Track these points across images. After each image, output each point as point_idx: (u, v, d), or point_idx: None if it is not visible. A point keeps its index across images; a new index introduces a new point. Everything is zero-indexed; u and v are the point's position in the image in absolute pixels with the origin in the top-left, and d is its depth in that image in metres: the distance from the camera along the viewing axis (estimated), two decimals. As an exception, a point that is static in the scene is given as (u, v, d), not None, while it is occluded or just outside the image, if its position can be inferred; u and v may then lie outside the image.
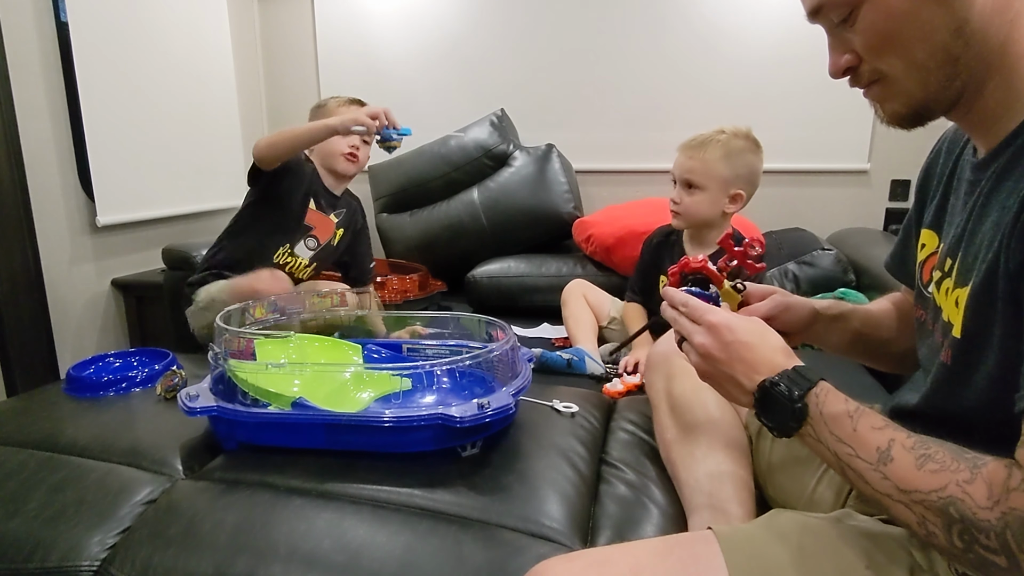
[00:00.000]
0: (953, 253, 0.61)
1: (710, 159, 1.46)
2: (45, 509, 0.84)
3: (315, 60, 2.77)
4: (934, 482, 0.50)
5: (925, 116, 0.61)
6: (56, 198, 1.95)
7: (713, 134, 1.48)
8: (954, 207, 0.65)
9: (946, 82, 0.58)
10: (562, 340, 1.80)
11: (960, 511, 0.48)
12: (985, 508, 0.47)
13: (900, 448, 0.53)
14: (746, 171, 1.47)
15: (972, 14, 0.55)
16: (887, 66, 0.60)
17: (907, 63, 0.58)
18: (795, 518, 0.64)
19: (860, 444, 0.56)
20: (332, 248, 1.76)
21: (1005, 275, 0.52)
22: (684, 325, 0.73)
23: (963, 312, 0.58)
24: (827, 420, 0.59)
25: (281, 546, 0.75)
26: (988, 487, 0.47)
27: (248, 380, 0.96)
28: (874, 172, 2.32)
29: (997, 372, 0.54)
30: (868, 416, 0.57)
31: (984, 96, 0.58)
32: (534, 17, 2.50)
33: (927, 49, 0.57)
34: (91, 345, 2.11)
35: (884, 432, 0.55)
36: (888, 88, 0.61)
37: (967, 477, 0.49)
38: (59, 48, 1.91)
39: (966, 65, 0.57)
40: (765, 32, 2.30)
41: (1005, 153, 0.57)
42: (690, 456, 0.86)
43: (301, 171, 1.64)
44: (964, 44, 0.56)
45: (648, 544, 0.66)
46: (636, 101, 2.47)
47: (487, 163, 2.36)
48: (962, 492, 0.48)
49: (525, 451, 0.96)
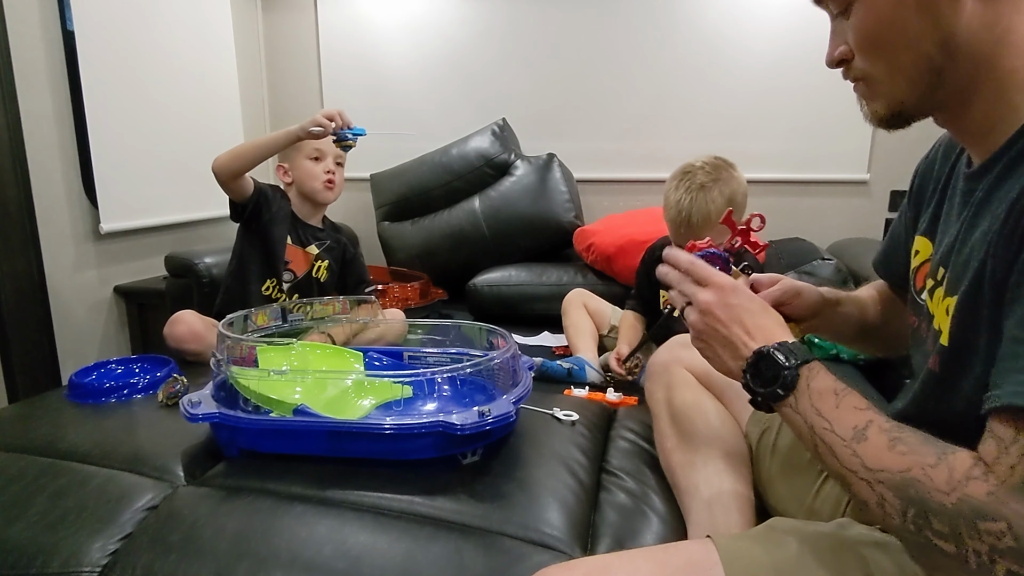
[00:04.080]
0: (945, 262, 0.62)
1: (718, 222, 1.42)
2: (46, 515, 0.84)
3: (318, 69, 2.79)
4: (901, 463, 0.51)
5: (905, 120, 0.62)
6: (60, 205, 1.96)
7: (701, 195, 1.39)
8: (948, 216, 0.66)
9: (928, 91, 0.59)
10: (562, 349, 1.81)
11: (919, 492, 0.49)
12: (942, 492, 0.48)
13: (876, 429, 0.54)
14: (744, 199, 1.45)
15: (958, 28, 0.55)
16: (872, 67, 0.61)
17: (891, 67, 0.59)
18: (793, 527, 0.64)
19: (838, 420, 0.57)
20: (313, 280, 1.73)
21: (991, 281, 0.53)
22: (687, 286, 0.73)
23: (951, 320, 0.58)
24: (812, 393, 0.60)
25: (282, 553, 0.75)
26: (949, 472, 0.48)
27: (250, 387, 0.97)
28: (874, 183, 2.33)
29: (982, 380, 0.55)
30: (852, 397, 0.58)
31: (972, 108, 0.59)
32: (536, 27, 2.52)
33: (911, 57, 0.58)
34: (93, 352, 2.11)
35: (864, 413, 0.56)
36: (872, 88, 0.62)
37: (932, 462, 0.49)
38: (65, 56, 1.93)
39: (951, 77, 0.57)
40: (766, 43, 2.31)
41: (997, 165, 0.57)
42: (690, 465, 0.87)
43: (279, 204, 1.65)
44: (948, 56, 0.56)
45: (647, 552, 0.66)
46: (637, 111, 2.49)
47: (488, 172, 2.37)
48: (924, 474, 0.49)
49: (525, 459, 0.96)
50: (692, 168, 1.44)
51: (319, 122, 1.47)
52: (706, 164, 1.43)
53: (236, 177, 1.52)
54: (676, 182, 1.44)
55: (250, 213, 1.60)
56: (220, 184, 1.53)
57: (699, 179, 1.41)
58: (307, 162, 1.67)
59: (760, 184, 2.32)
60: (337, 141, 1.51)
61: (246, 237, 1.66)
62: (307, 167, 1.67)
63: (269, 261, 1.65)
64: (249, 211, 1.60)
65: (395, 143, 2.61)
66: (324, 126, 1.47)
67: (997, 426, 0.49)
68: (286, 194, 1.70)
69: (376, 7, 2.66)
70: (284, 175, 1.71)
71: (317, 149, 1.66)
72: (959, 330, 0.57)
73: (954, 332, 0.58)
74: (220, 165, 1.50)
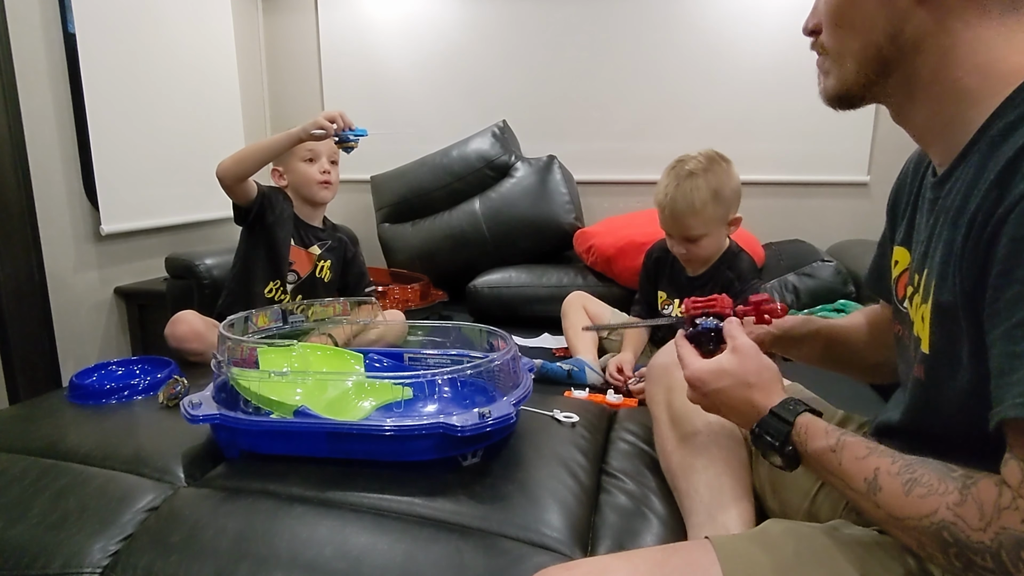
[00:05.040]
0: (920, 269, 0.63)
1: (704, 212, 1.43)
2: (47, 516, 0.84)
3: (319, 71, 2.79)
4: (924, 507, 0.50)
5: (850, 102, 0.64)
6: (61, 206, 1.97)
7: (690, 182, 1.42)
8: (919, 225, 0.67)
9: (875, 78, 0.61)
10: (562, 351, 1.81)
11: (953, 535, 0.48)
12: (978, 530, 0.47)
13: (886, 476, 0.54)
14: (733, 195, 1.47)
15: (908, 27, 0.57)
16: (831, 43, 0.63)
17: (845, 48, 0.62)
18: (791, 527, 0.64)
19: (848, 477, 0.57)
20: (317, 280, 1.74)
21: (963, 295, 0.53)
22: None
23: (928, 328, 0.59)
24: (811, 459, 0.62)
25: (283, 553, 0.75)
26: (979, 508, 0.47)
27: (250, 388, 0.97)
28: (874, 184, 2.33)
29: (969, 387, 0.55)
30: (850, 447, 0.58)
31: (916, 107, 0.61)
32: (537, 29, 2.53)
33: (862, 42, 0.60)
34: (94, 353, 2.11)
35: (868, 461, 0.56)
36: (828, 64, 0.65)
37: (957, 499, 0.48)
38: (66, 58, 1.93)
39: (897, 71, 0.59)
40: (766, 44, 2.32)
41: (955, 172, 0.58)
42: (690, 467, 0.87)
43: (282, 207, 1.66)
44: (897, 51, 0.58)
45: (646, 553, 0.66)
46: (637, 113, 2.49)
47: (489, 174, 2.37)
48: (953, 516, 0.48)
49: (526, 460, 0.96)
50: (685, 157, 1.48)
51: (320, 124, 1.47)
52: (700, 155, 1.47)
53: (240, 181, 1.53)
54: (667, 169, 1.49)
55: (254, 216, 1.60)
56: (224, 189, 1.54)
57: (688, 167, 1.44)
58: (301, 164, 1.67)
59: (760, 186, 2.33)
60: (339, 142, 1.52)
61: (250, 240, 1.66)
62: (302, 169, 1.67)
63: (274, 263, 1.65)
64: (253, 214, 1.60)
65: (395, 144, 2.62)
66: (325, 128, 1.47)
67: (1015, 445, 0.48)
68: (288, 196, 1.70)
69: (377, 9, 2.67)
70: (279, 178, 1.71)
71: (310, 150, 1.66)
72: (937, 339, 0.58)
73: (933, 341, 0.59)
74: (224, 170, 1.51)
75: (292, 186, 1.70)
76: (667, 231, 1.53)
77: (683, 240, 1.49)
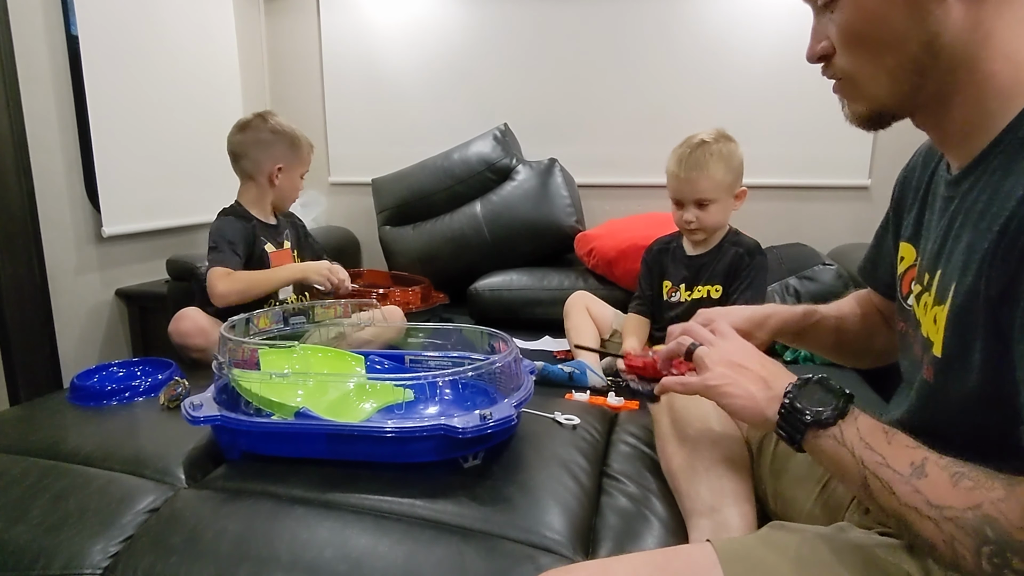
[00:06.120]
0: (931, 268, 0.62)
1: (715, 174, 1.49)
2: (48, 517, 0.84)
3: (320, 73, 2.79)
4: (970, 499, 0.49)
5: (886, 120, 0.62)
6: (63, 208, 1.97)
7: (701, 148, 1.51)
8: (930, 222, 0.66)
9: (911, 91, 0.58)
10: (564, 353, 1.81)
11: (995, 530, 0.47)
12: (1020, 528, 0.46)
13: (934, 465, 0.53)
14: (740, 167, 1.55)
15: (944, 29, 0.55)
16: (854, 65, 0.60)
17: (875, 67, 0.59)
18: (793, 530, 0.64)
19: (893, 456, 0.55)
20: None
21: (986, 301, 0.52)
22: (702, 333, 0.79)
23: (942, 332, 0.58)
24: (861, 427, 0.58)
25: (283, 555, 0.75)
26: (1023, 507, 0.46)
27: (251, 390, 0.97)
28: (875, 188, 2.33)
29: (977, 390, 0.55)
30: (901, 435, 0.57)
31: (951, 111, 0.58)
32: (538, 33, 2.53)
33: (896, 57, 0.57)
34: (95, 354, 2.11)
35: (918, 451, 0.55)
36: (854, 88, 0.62)
37: (1002, 495, 0.48)
38: (69, 60, 1.94)
39: (933, 78, 0.57)
40: (767, 48, 2.32)
41: (975, 171, 0.57)
42: (691, 469, 0.87)
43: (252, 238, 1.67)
44: (933, 57, 0.56)
45: (647, 556, 0.66)
46: (638, 116, 2.49)
47: (490, 177, 2.37)
48: (997, 511, 0.47)
49: (527, 462, 0.96)
50: (695, 133, 1.56)
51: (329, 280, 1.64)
52: (709, 131, 1.56)
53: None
54: (677, 146, 1.58)
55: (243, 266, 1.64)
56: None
57: (699, 138, 1.54)
58: (297, 178, 1.77)
59: (761, 189, 2.32)
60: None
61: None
62: (295, 181, 1.77)
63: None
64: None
65: (396, 146, 2.62)
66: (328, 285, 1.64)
67: None
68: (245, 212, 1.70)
69: (379, 12, 2.67)
70: (275, 175, 1.71)
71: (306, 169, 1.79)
72: (952, 344, 0.57)
73: (947, 345, 0.58)
74: (228, 301, 1.53)
75: (279, 188, 1.74)
76: (678, 198, 1.56)
77: (694, 205, 1.52)
